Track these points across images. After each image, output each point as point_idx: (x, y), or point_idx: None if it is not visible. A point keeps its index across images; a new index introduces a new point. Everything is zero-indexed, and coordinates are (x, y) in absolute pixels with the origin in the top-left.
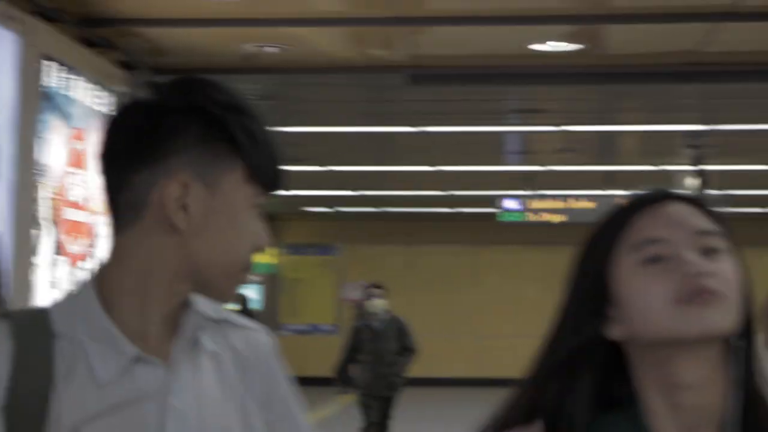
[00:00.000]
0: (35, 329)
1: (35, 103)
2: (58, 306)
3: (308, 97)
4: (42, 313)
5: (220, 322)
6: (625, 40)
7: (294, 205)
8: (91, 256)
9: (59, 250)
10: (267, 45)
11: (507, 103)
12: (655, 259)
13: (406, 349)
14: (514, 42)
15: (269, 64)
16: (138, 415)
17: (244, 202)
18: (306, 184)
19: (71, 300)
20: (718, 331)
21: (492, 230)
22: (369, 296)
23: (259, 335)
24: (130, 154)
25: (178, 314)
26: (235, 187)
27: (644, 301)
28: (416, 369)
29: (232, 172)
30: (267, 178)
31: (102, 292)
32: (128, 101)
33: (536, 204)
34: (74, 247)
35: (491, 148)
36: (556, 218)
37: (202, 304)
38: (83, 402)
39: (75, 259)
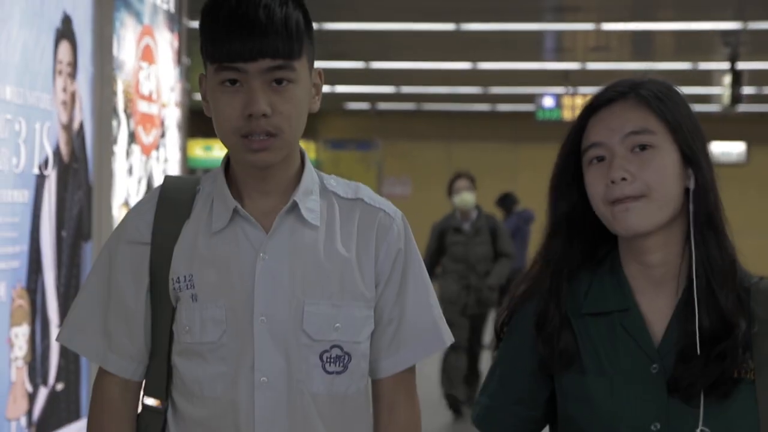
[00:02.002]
0: (182, 186)
1: (111, 1)
2: (208, 174)
3: None
4: (194, 178)
5: (355, 201)
6: None
7: (334, 102)
8: (162, 145)
9: (133, 139)
10: None
11: (544, 3)
12: (597, 160)
13: (501, 255)
14: None
15: None
16: (236, 266)
17: (212, 80)
18: (347, 81)
19: (216, 168)
20: (642, 230)
21: (530, 127)
22: (454, 189)
23: (388, 217)
24: None
25: (290, 191)
26: (209, 72)
27: (592, 197)
28: None
29: (205, 60)
30: (216, 53)
31: (229, 162)
32: None
33: (573, 102)
34: (147, 137)
35: (529, 46)
36: None
37: (341, 186)
38: (198, 247)
39: (147, 148)
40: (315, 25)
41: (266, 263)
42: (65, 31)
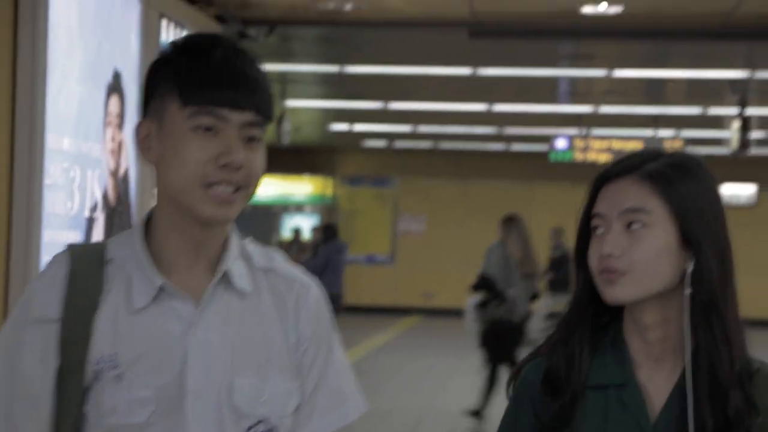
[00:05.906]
0: (90, 257)
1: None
2: (116, 238)
3: (372, 41)
4: (99, 245)
5: (269, 272)
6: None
7: (353, 139)
8: None
9: None
10: (344, 2)
11: (559, 51)
12: (597, 229)
13: None
14: (565, 2)
15: (343, 18)
16: (165, 343)
17: (182, 124)
18: (365, 119)
19: (128, 232)
20: (623, 301)
21: (543, 167)
22: None
23: (303, 288)
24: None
25: (218, 258)
26: (173, 116)
27: (590, 266)
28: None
29: (171, 103)
30: (201, 97)
31: (149, 226)
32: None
33: (585, 144)
34: None
35: (544, 90)
36: (603, 157)
37: (256, 254)
38: (121, 324)
39: None
40: (337, 68)
41: (198, 338)
42: (115, 86)
